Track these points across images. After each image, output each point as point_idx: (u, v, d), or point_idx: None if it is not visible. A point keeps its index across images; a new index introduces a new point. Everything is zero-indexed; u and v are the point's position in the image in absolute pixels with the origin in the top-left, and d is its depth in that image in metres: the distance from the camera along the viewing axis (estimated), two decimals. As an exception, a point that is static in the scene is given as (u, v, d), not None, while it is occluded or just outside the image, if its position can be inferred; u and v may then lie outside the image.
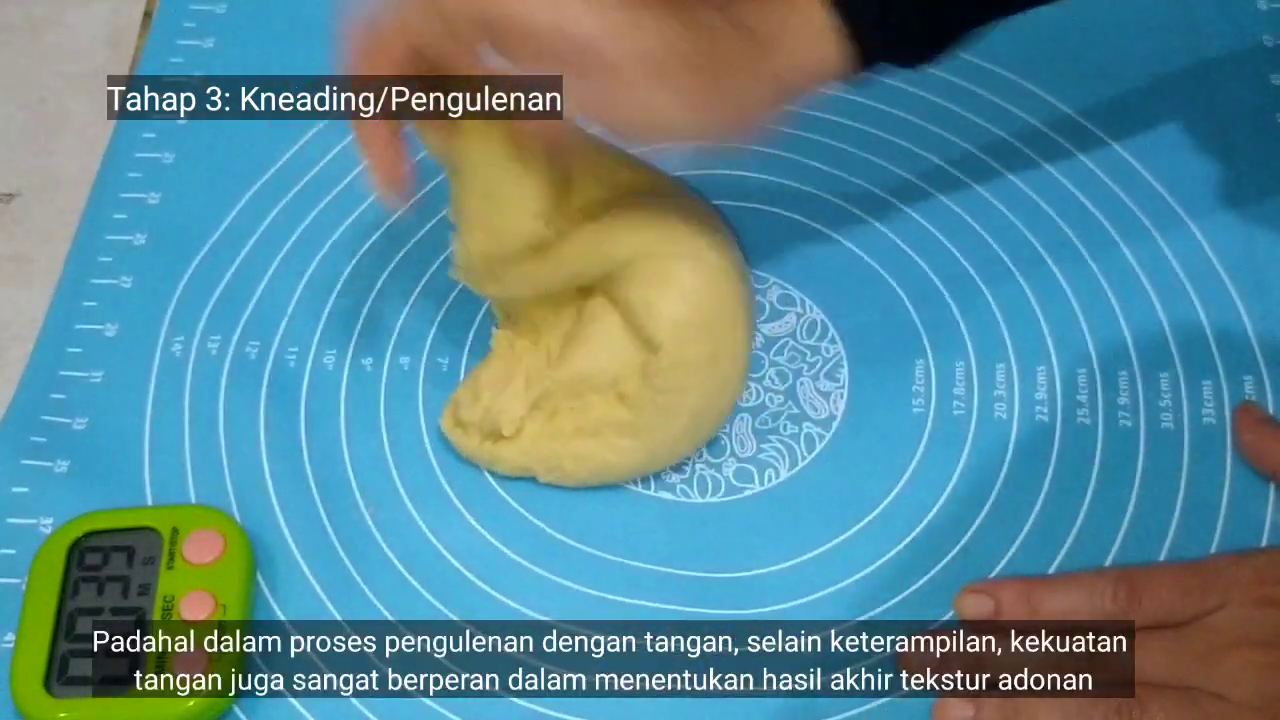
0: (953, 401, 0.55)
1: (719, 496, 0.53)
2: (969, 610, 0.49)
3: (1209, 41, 0.65)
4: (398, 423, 0.55)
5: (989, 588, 0.49)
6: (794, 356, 0.56)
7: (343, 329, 0.57)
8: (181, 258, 0.60)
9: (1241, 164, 0.61)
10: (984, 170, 0.61)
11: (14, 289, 0.59)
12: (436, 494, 0.53)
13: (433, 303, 0.58)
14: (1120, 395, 0.55)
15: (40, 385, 0.56)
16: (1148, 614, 0.47)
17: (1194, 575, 0.48)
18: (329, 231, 0.60)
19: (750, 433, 0.55)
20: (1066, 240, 0.59)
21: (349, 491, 0.53)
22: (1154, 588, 0.47)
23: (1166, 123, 0.62)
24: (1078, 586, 0.48)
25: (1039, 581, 0.49)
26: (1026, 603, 0.48)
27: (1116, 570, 0.49)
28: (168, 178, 0.62)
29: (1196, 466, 0.53)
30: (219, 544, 0.50)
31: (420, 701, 0.48)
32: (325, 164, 0.62)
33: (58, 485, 0.53)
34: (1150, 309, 0.57)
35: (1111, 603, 0.47)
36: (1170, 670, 0.46)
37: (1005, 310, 0.57)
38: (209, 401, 0.56)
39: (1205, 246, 0.58)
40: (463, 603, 0.51)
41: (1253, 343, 0.56)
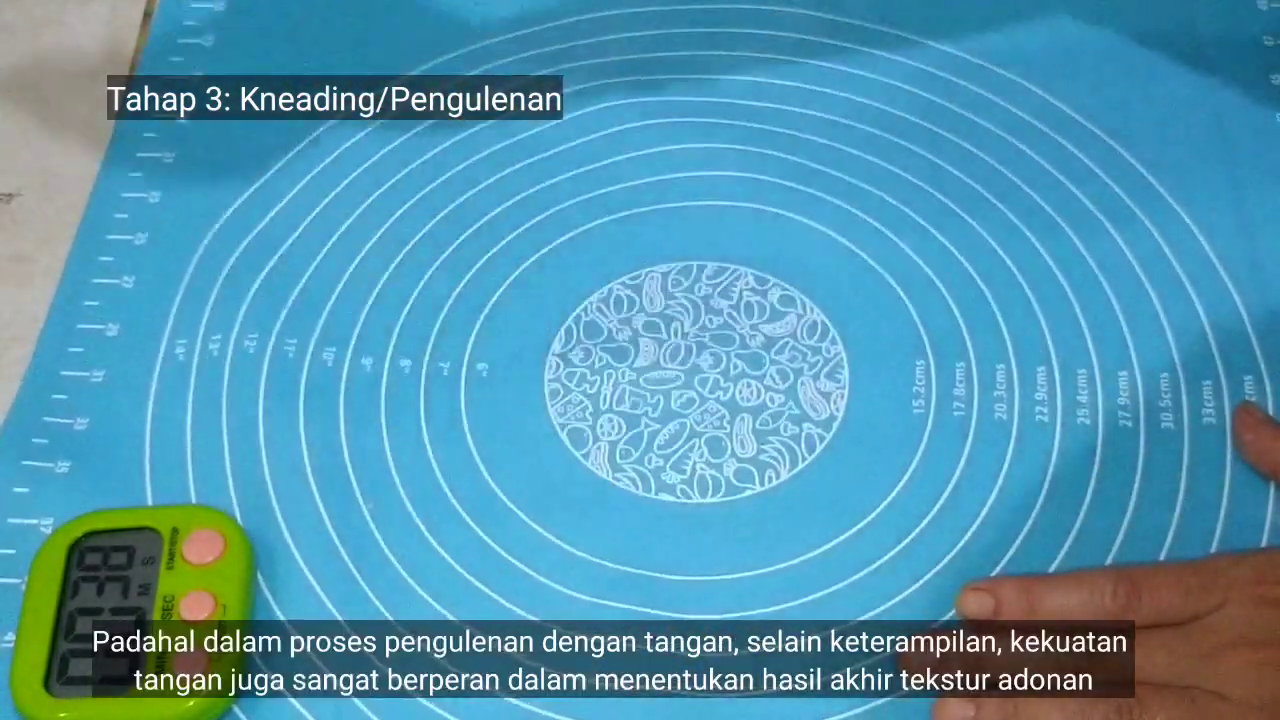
0: (953, 402, 0.55)
1: (719, 497, 0.53)
2: (970, 608, 0.48)
3: (1209, 41, 0.65)
4: (398, 423, 0.55)
5: (989, 586, 0.49)
6: (794, 356, 0.56)
7: (343, 329, 0.57)
8: (183, 257, 0.59)
9: (1241, 164, 0.61)
10: (984, 170, 0.61)
11: (14, 289, 0.59)
12: (437, 495, 0.53)
13: (433, 304, 0.58)
14: (1120, 395, 0.55)
15: (41, 385, 0.56)
16: (1148, 613, 0.47)
17: (1194, 574, 0.48)
18: (329, 231, 0.60)
19: (750, 433, 0.55)
20: (1066, 240, 0.59)
21: (349, 491, 0.53)
22: (1154, 587, 0.47)
23: (1166, 123, 0.62)
24: (1078, 584, 0.48)
25: (1039, 579, 0.49)
26: (1026, 600, 0.48)
27: (1116, 569, 0.49)
28: (169, 177, 0.62)
29: (1196, 466, 0.53)
30: (219, 544, 0.50)
31: (420, 701, 0.48)
32: (326, 164, 0.62)
33: (58, 485, 0.53)
34: (1150, 309, 0.57)
35: (1111, 601, 0.47)
36: (1170, 669, 0.46)
37: (1005, 311, 0.57)
38: (210, 401, 0.56)
39: (1205, 246, 0.58)
40: (462, 603, 0.51)
41: (1253, 343, 0.56)
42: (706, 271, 0.59)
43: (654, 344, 0.57)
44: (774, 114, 0.62)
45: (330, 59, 0.65)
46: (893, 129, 0.62)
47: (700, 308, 0.58)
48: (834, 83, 0.63)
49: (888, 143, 0.62)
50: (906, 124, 0.62)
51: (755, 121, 0.62)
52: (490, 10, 0.66)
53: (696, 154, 0.62)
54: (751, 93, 0.64)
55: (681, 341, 0.57)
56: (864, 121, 0.63)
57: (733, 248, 0.59)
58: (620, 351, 0.57)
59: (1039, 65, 0.64)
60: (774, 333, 0.57)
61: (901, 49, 0.65)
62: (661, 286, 0.58)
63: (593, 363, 0.56)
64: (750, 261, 0.59)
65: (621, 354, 0.57)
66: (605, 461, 0.54)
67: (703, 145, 0.62)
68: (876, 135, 0.62)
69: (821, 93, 0.63)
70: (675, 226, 0.60)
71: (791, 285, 0.58)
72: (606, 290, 0.58)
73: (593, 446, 0.54)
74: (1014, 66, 0.64)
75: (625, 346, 0.57)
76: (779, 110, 0.63)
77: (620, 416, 0.55)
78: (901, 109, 0.63)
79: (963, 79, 0.64)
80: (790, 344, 0.57)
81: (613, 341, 0.57)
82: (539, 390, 0.56)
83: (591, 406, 0.55)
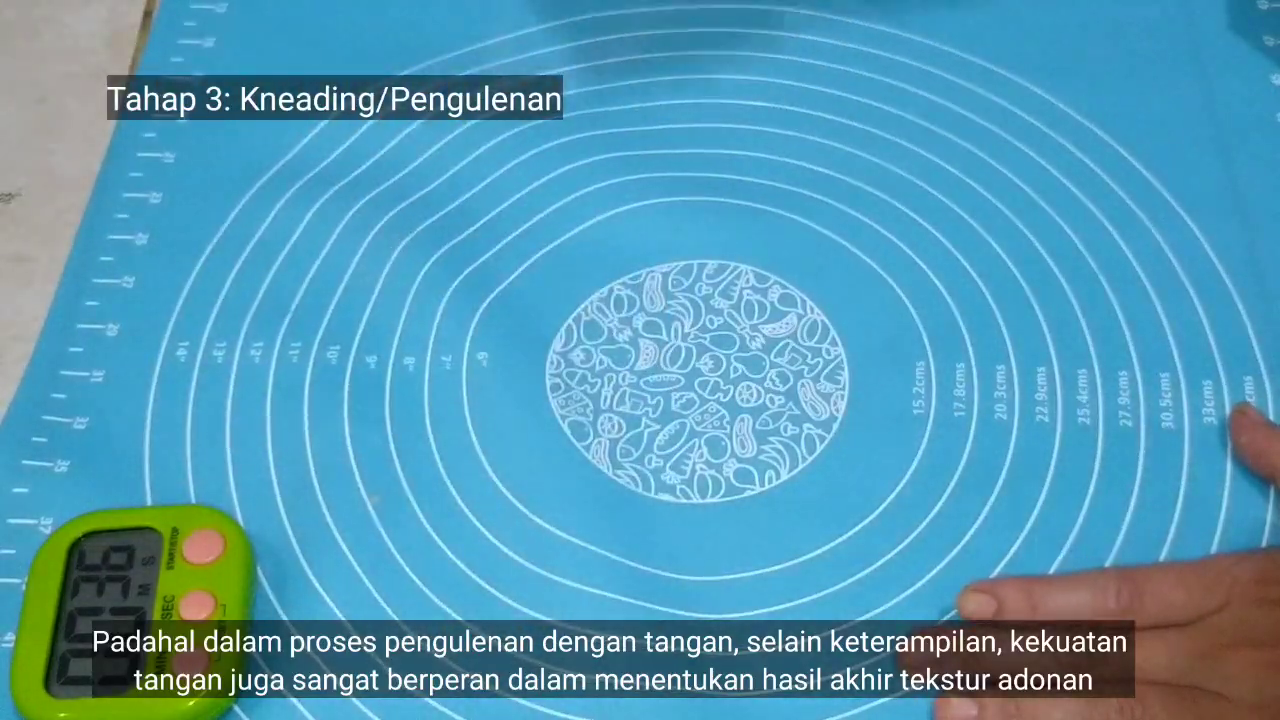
0: (953, 403, 0.55)
1: (719, 497, 0.53)
2: (971, 609, 0.49)
3: (1209, 41, 0.65)
4: (401, 422, 0.55)
5: (991, 587, 0.49)
6: (795, 358, 0.56)
7: (346, 327, 0.57)
8: (183, 257, 0.59)
9: (1241, 164, 0.61)
10: (985, 170, 0.61)
11: (14, 289, 0.59)
12: (439, 493, 0.53)
13: (434, 300, 0.58)
14: (1120, 395, 0.55)
15: (41, 385, 0.56)
16: (1151, 614, 0.47)
17: (1197, 575, 0.48)
18: (330, 230, 0.60)
19: (751, 434, 0.55)
20: (1066, 240, 0.59)
21: (351, 491, 0.53)
22: (1157, 587, 0.48)
23: (1166, 122, 0.62)
24: (1080, 585, 0.48)
25: (1040, 580, 0.49)
26: (1028, 601, 0.48)
27: (1119, 570, 0.49)
28: (169, 177, 0.62)
29: (1196, 466, 0.53)
30: (219, 544, 0.50)
31: (421, 701, 0.48)
32: (326, 164, 0.62)
33: (58, 485, 0.53)
34: (1150, 309, 0.57)
35: (1115, 602, 0.47)
36: (1171, 669, 0.46)
37: (1005, 311, 0.57)
38: (210, 401, 0.56)
39: (1205, 246, 0.58)
40: (465, 600, 0.51)
41: (1253, 343, 0.56)
42: (707, 270, 0.59)
43: (654, 346, 0.57)
44: (774, 113, 0.62)
45: (330, 59, 0.65)
46: (894, 129, 0.62)
47: (700, 308, 0.58)
48: (834, 82, 0.63)
49: (888, 142, 0.62)
50: (907, 123, 0.62)
51: (755, 121, 0.62)
52: (490, 10, 0.66)
53: (697, 153, 0.62)
54: (751, 92, 0.64)
55: (681, 344, 0.57)
56: (866, 122, 0.63)
57: (733, 247, 0.59)
58: (620, 354, 0.57)
59: (1039, 65, 0.64)
60: (774, 334, 0.57)
61: (902, 48, 0.65)
62: (662, 286, 0.58)
63: (593, 365, 0.56)
64: (751, 260, 0.59)
65: (622, 357, 0.57)
66: (606, 457, 0.54)
67: (703, 144, 0.62)
68: (878, 135, 0.62)
69: (822, 92, 0.63)
70: (676, 225, 0.60)
71: (792, 285, 0.58)
72: (607, 290, 0.58)
73: (594, 440, 0.54)
74: (1014, 66, 0.64)
75: (625, 348, 0.57)
76: (779, 110, 0.63)
77: (620, 416, 0.55)
78: (902, 109, 0.63)
79: (963, 79, 0.64)
80: (790, 345, 0.57)
81: (613, 343, 0.57)
82: (541, 385, 0.56)
83: (592, 405, 0.55)
